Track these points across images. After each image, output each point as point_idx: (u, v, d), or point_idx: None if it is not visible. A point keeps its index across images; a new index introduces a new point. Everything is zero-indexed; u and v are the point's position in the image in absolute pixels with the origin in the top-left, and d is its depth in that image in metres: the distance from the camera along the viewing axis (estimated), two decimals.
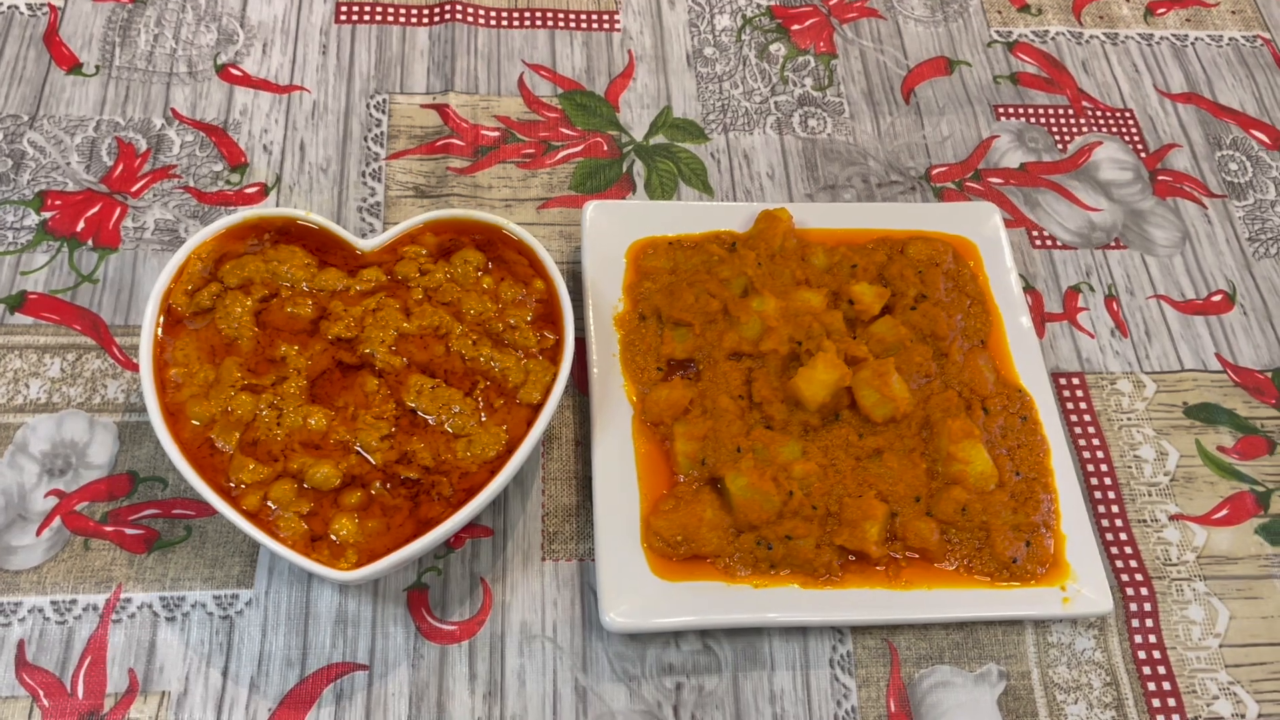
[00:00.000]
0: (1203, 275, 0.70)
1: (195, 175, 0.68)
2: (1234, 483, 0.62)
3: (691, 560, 0.55)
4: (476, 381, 0.56)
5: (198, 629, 0.53)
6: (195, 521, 0.56)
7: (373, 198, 0.68)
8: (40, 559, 0.54)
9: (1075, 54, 0.80)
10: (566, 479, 0.59)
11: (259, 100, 0.71)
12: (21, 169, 0.67)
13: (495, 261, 0.59)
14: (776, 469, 0.56)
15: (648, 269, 0.64)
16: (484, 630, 0.55)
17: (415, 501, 0.52)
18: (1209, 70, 0.81)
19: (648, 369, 0.61)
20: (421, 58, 0.74)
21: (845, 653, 0.55)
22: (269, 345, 0.56)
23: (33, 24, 0.73)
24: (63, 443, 0.58)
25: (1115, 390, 0.65)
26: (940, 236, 0.67)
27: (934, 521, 0.56)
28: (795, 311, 0.61)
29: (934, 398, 0.59)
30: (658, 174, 0.71)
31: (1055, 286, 0.69)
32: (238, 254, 0.58)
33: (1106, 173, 0.74)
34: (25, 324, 0.61)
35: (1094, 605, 0.55)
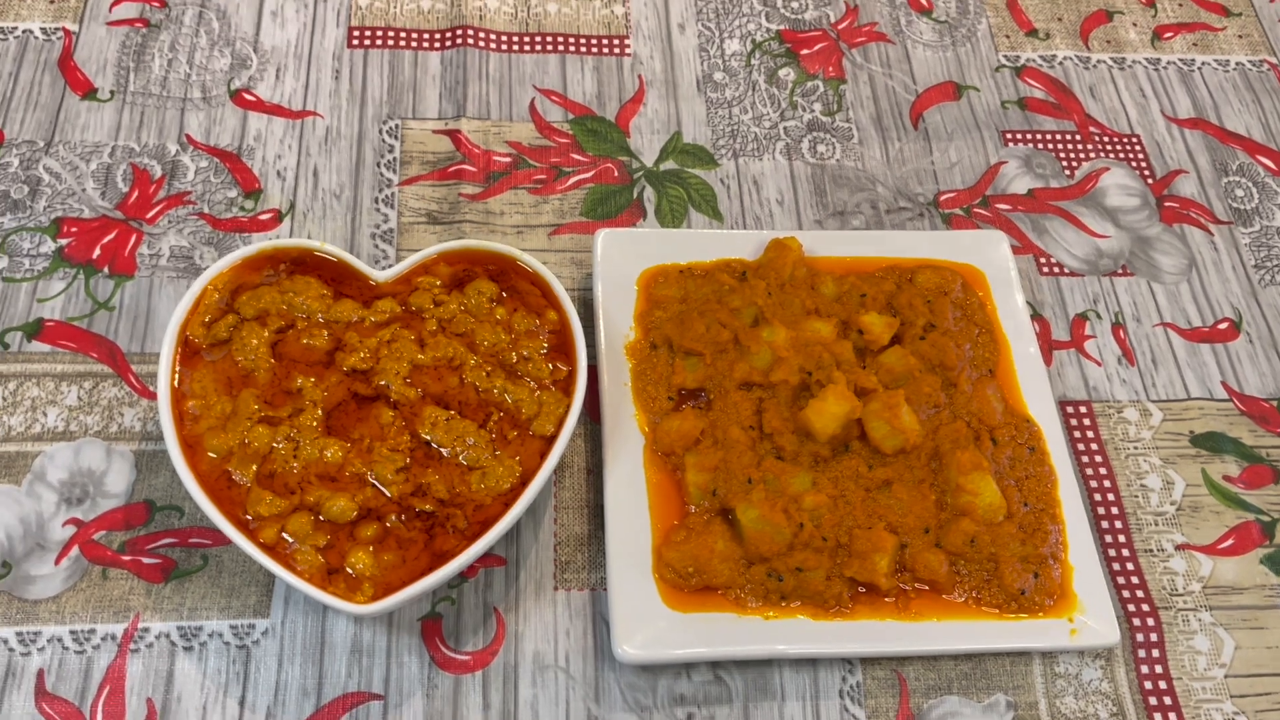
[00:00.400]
0: (1209, 303, 0.71)
1: (210, 201, 0.68)
2: (1240, 512, 0.63)
3: (703, 591, 0.56)
4: (490, 413, 0.56)
5: (215, 659, 0.54)
6: (211, 551, 0.57)
7: (386, 224, 0.68)
8: (59, 588, 0.55)
9: (1083, 79, 0.81)
10: (578, 508, 0.60)
11: (273, 126, 0.72)
12: (38, 195, 0.67)
13: (508, 292, 0.60)
14: (787, 500, 0.57)
15: (659, 297, 0.65)
16: (497, 660, 0.55)
17: (430, 534, 0.53)
18: (1215, 95, 0.81)
19: (659, 398, 0.61)
20: (433, 83, 0.75)
21: (855, 683, 0.56)
22: (285, 377, 0.56)
23: (47, 48, 0.74)
24: (80, 471, 0.58)
25: (1122, 419, 0.66)
26: (949, 265, 0.67)
27: (943, 553, 0.57)
28: (805, 341, 0.61)
29: (943, 429, 0.60)
30: (668, 200, 0.72)
31: (1063, 314, 0.69)
32: (254, 285, 0.59)
33: (1114, 199, 0.75)
34: (42, 351, 0.62)
35: (1101, 637, 0.56)
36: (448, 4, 0.79)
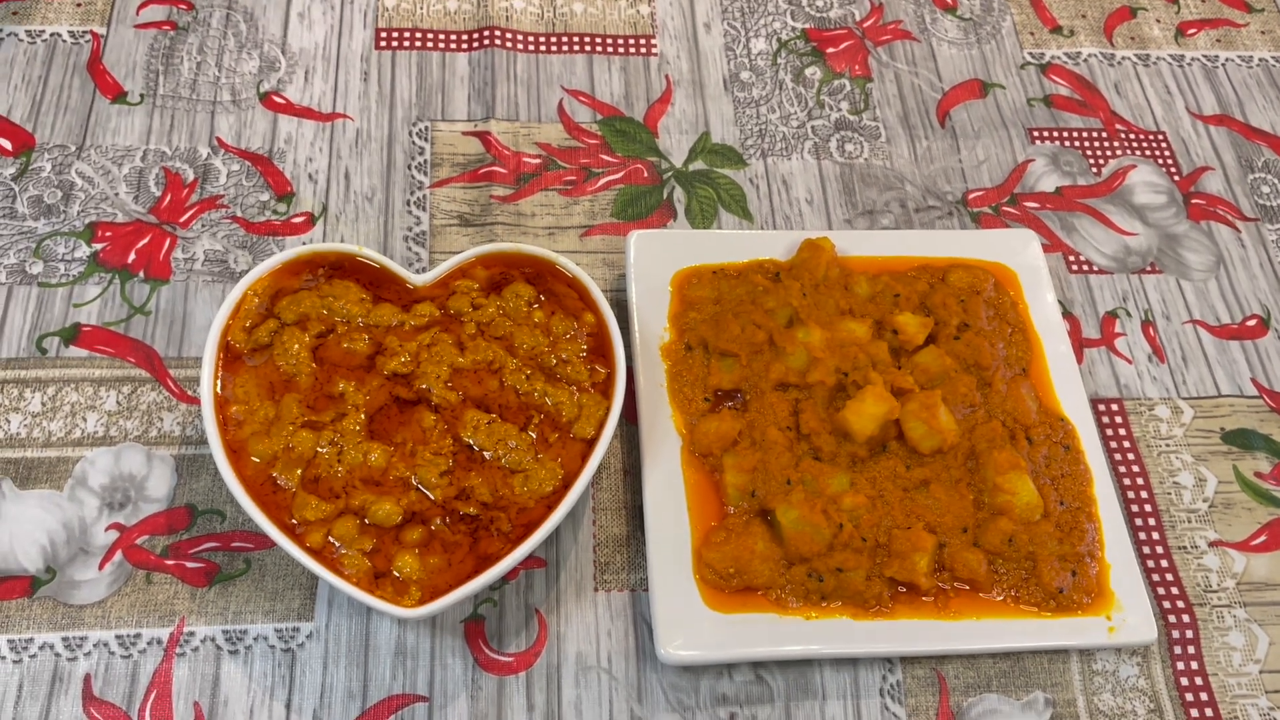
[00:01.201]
0: (1237, 299, 0.71)
1: (243, 205, 0.68)
2: (1271, 509, 0.63)
3: (743, 592, 0.56)
4: (531, 416, 0.57)
5: (260, 662, 0.54)
6: (254, 554, 0.57)
7: (418, 226, 0.69)
8: (104, 593, 0.55)
9: (1108, 76, 0.81)
10: (616, 509, 0.60)
11: (303, 128, 0.72)
12: (71, 200, 0.67)
13: (546, 295, 0.60)
14: (826, 501, 0.57)
15: (693, 299, 0.65)
16: (540, 661, 0.56)
17: (475, 537, 0.53)
18: (1240, 92, 0.81)
19: (695, 399, 0.62)
20: (462, 84, 0.75)
21: (895, 682, 0.56)
22: (327, 381, 0.56)
23: (76, 51, 0.74)
24: (121, 476, 0.59)
25: (1154, 416, 0.66)
26: (980, 264, 0.67)
27: (981, 552, 0.57)
28: (841, 342, 0.62)
29: (979, 428, 0.60)
30: (698, 200, 0.72)
31: (1093, 312, 0.70)
32: (293, 289, 0.59)
33: (1141, 196, 0.75)
34: (80, 357, 0.62)
35: (1139, 634, 0.56)
36: (474, 5, 0.79)
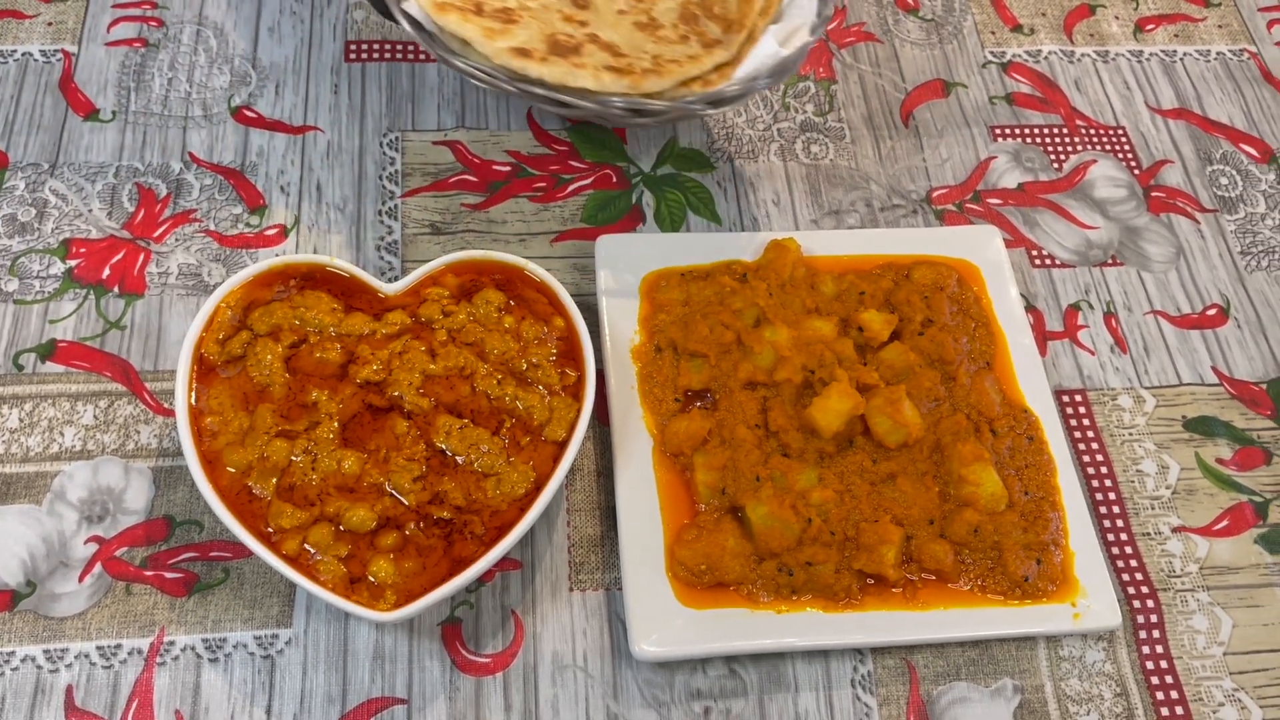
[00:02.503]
0: (1197, 290, 0.73)
1: (216, 219, 0.69)
2: (1233, 494, 0.65)
3: (716, 588, 0.57)
4: (503, 420, 0.58)
5: (240, 669, 0.55)
6: (233, 563, 0.58)
7: (390, 236, 0.70)
8: (84, 605, 0.56)
9: (1068, 73, 0.82)
10: (590, 510, 0.61)
11: (274, 141, 0.73)
12: (45, 218, 0.68)
13: (516, 300, 0.61)
14: (795, 497, 0.58)
15: (662, 301, 0.66)
16: (517, 661, 0.56)
17: (449, 541, 0.54)
18: (1198, 85, 0.83)
19: (665, 400, 0.63)
20: (431, 94, 0.76)
21: (866, 673, 0.57)
22: (300, 391, 0.57)
23: (47, 70, 0.75)
24: (99, 489, 0.59)
25: (1116, 406, 0.67)
26: (944, 260, 0.69)
27: (948, 543, 0.58)
28: (807, 340, 0.63)
29: (944, 421, 0.62)
30: (666, 204, 0.73)
31: (1055, 305, 0.71)
32: (265, 301, 0.60)
33: (1101, 190, 0.76)
34: (56, 372, 0.63)
35: (1103, 620, 0.57)
36: None
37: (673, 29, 0.65)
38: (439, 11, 0.61)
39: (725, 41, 0.64)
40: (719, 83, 0.64)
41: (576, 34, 0.64)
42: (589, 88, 0.61)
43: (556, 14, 0.65)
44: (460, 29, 0.61)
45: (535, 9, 0.65)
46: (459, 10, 0.61)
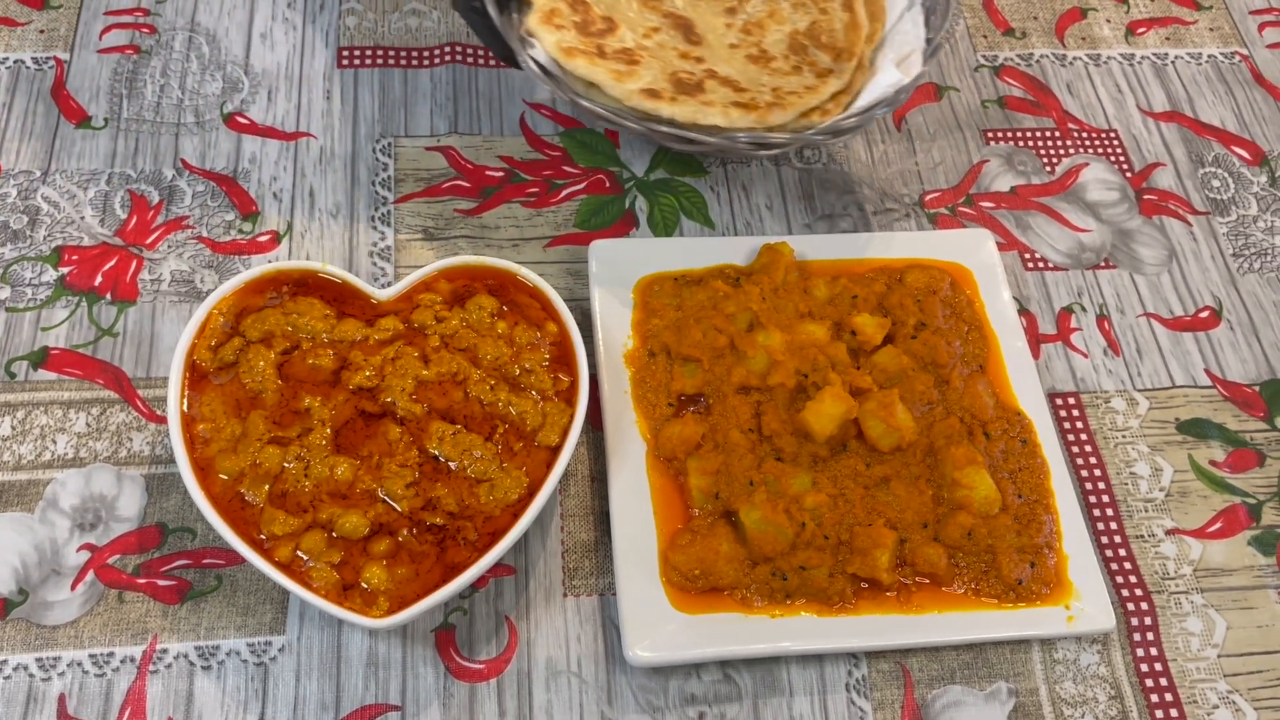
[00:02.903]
0: (1190, 292, 0.73)
1: (208, 225, 0.69)
2: (1226, 496, 0.65)
3: (710, 593, 0.57)
4: (496, 426, 0.58)
5: (233, 676, 0.55)
6: (226, 570, 0.58)
7: (383, 242, 0.70)
8: (76, 613, 0.56)
9: (1060, 76, 0.83)
10: (584, 515, 0.61)
11: (267, 148, 0.73)
12: (37, 225, 0.68)
13: (509, 306, 0.61)
14: (788, 501, 0.58)
15: (655, 306, 0.66)
16: (511, 667, 0.56)
17: (442, 547, 0.54)
18: (1189, 88, 0.83)
19: (659, 405, 0.63)
20: (424, 100, 0.76)
21: (860, 677, 0.57)
22: (293, 397, 0.57)
23: (39, 78, 0.75)
24: (92, 497, 0.59)
25: (1110, 409, 0.67)
26: (937, 264, 0.69)
27: (942, 547, 0.58)
28: (800, 344, 0.63)
29: (937, 425, 0.62)
30: (660, 209, 0.73)
31: (1048, 308, 0.71)
32: (257, 308, 0.60)
33: (1094, 193, 0.77)
34: (49, 380, 0.63)
35: (1097, 623, 0.57)
36: (435, 21, 0.80)
37: (784, 60, 0.68)
38: (567, 57, 0.64)
39: (837, 70, 0.67)
40: (836, 111, 0.66)
41: (695, 70, 0.66)
42: (719, 124, 0.63)
43: (672, 51, 0.67)
44: (590, 73, 0.64)
45: (652, 47, 0.67)
46: (585, 55, 0.64)
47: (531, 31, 0.65)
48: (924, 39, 0.68)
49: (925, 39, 0.68)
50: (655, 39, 0.68)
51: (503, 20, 0.63)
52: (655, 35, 0.68)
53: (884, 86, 0.65)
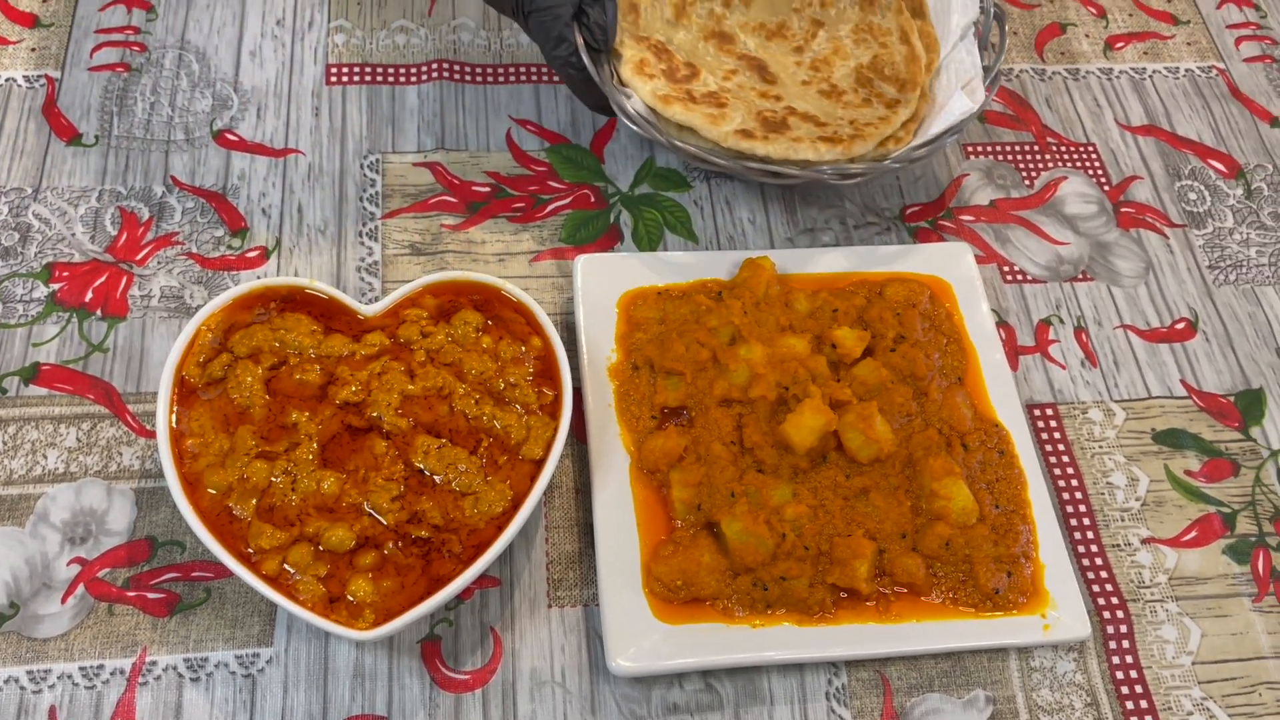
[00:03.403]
0: (1166, 304, 0.74)
1: (198, 241, 0.70)
2: (1201, 505, 0.66)
3: (692, 603, 0.58)
4: (480, 439, 0.58)
5: (221, 688, 0.56)
6: (214, 583, 0.58)
7: (370, 257, 0.70)
8: (66, 626, 0.57)
9: (1039, 90, 0.84)
10: (568, 526, 0.62)
11: (256, 164, 0.74)
12: (28, 242, 0.69)
13: (493, 320, 0.62)
14: (769, 512, 0.59)
15: (638, 319, 0.67)
16: (496, 678, 0.57)
17: (427, 560, 0.55)
18: (1167, 102, 0.84)
19: (642, 417, 0.64)
20: (411, 116, 0.77)
21: (840, 685, 0.58)
22: (280, 412, 0.58)
23: (31, 96, 0.75)
24: (82, 511, 0.60)
25: (1087, 419, 0.68)
26: (916, 278, 0.70)
27: (920, 557, 0.59)
28: (781, 358, 0.64)
29: (915, 436, 0.63)
30: (644, 223, 0.74)
31: (1027, 320, 0.72)
32: (245, 324, 0.60)
33: (1072, 206, 0.78)
34: (40, 395, 0.63)
35: (1073, 631, 0.58)
36: (423, 38, 0.81)
37: (854, 93, 0.72)
38: (664, 104, 0.69)
39: (904, 100, 0.72)
40: (908, 139, 0.71)
41: (777, 109, 0.71)
42: (809, 159, 0.68)
43: (752, 91, 0.72)
44: (687, 119, 0.68)
45: (733, 89, 0.72)
46: (680, 101, 0.69)
47: (626, 82, 0.70)
48: (980, 66, 0.73)
49: (983, 66, 0.73)
50: (734, 80, 0.72)
51: (599, 75, 0.68)
52: (734, 77, 0.73)
53: (955, 114, 0.69)
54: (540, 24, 0.68)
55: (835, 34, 0.74)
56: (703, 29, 0.74)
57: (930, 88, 0.73)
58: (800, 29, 0.75)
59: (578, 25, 0.68)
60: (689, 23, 0.74)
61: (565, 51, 0.68)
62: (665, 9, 0.73)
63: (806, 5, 0.75)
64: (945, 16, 0.75)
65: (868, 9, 0.74)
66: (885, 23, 0.74)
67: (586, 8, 0.68)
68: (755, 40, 0.74)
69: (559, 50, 0.68)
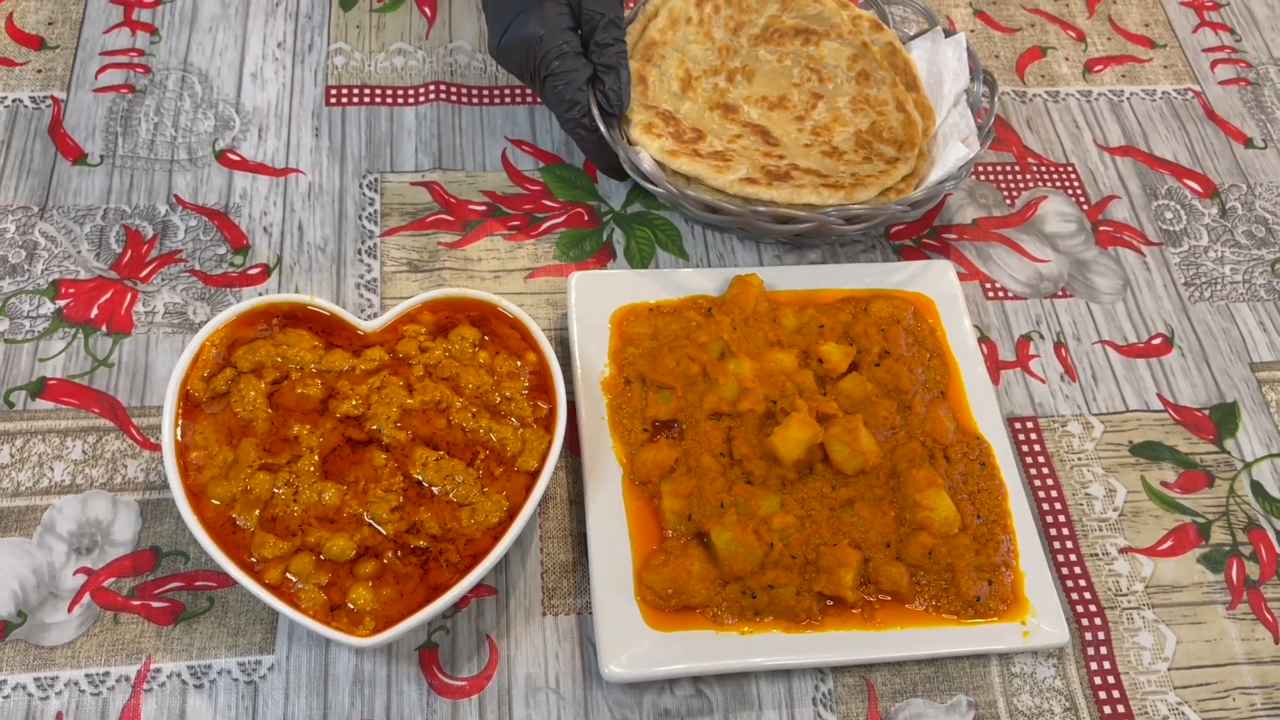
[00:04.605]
0: (1143, 320, 0.76)
1: (200, 259, 0.72)
2: (1177, 515, 0.68)
3: (682, 611, 0.60)
4: (477, 452, 0.60)
5: (224, 695, 0.57)
6: (217, 592, 0.60)
7: (369, 274, 0.72)
8: (73, 634, 0.58)
9: (1020, 112, 0.86)
10: (563, 537, 0.64)
11: (257, 183, 0.76)
12: (35, 259, 0.70)
13: (490, 336, 0.64)
14: (758, 522, 0.61)
15: (631, 335, 0.69)
16: (492, 684, 0.59)
17: (425, 569, 0.57)
18: (1144, 123, 0.87)
19: (634, 430, 0.65)
20: (409, 137, 0.79)
21: (827, 691, 0.60)
22: (282, 425, 0.60)
23: (37, 116, 0.77)
24: (88, 522, 0.62)
25: (1066, 432, 0.70)
26: (900, 294, 0.72)
27: (904, 565, 0.61)
28: (769, 372, 0.66)
29: (900, 449, 0.64)
30: (636, 241, 0.76)
31: (1008, 335, 0.74)
32: (249, 339, 0.62)
33: (1052, 225, 0.80)
34: (46, 409, 0.65)
35: (1051, 638, 0.60)
36: (420, 61, 0.83)
37: (854, 153, 0.76)
38: (671, 157, 0.72)
39: (903, 158, 0.75)
40: (909, 190, 0.74)
41: (780, 164, 0.74)
42: (813, 202, 0.71)
43: (756, 151, 0.75)
44: (692, 169, 0.72)
45: (738, 150, 0.75)
46: (686, 155, 0.72)
47: (635, 141, 0.73)
48: (974, 126, 0.77)
49: (976, 126, 0.77)
50: (739, 143, 0.76)
51: (611, 135, 0.72)
52: (739, 140, 0.76)
53: (954, 160, 0.73)
54: (555, 89, 0.71)
55: (834, 105, 0.78)
56: (708, 100, 0.78)
57: (928, 150, 0.77)
58: (800, 101, 0.79)
59: (592, 90, 0.72)
60: (695, 95, 0.78)
61: (578, 114, 0.72)
62: (672, 83, 0.78)
63: (806, 80, 0.79)
64: (938, 86, 0.79)
65: (864, 83, 0.78)
66: (881, 94, 0.78)
67: (601, 75, 0.72)
68: (758, 110, 0.78)
69: (572, 113, 0.72)
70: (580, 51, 0.72)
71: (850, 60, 0.79)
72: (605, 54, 0.71)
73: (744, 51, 0.80)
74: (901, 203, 0.71)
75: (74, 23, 0.82)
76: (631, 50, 0.77)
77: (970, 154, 0.73)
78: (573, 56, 0.71)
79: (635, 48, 0.78)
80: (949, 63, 0.79)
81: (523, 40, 0.71)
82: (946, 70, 0.79)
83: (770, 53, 0.80)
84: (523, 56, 0.71)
